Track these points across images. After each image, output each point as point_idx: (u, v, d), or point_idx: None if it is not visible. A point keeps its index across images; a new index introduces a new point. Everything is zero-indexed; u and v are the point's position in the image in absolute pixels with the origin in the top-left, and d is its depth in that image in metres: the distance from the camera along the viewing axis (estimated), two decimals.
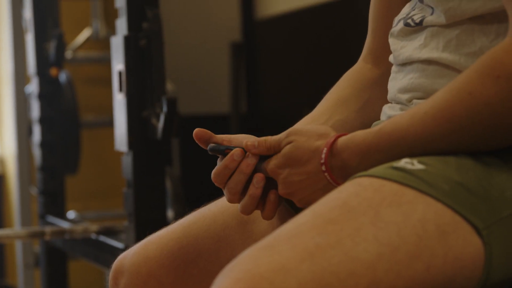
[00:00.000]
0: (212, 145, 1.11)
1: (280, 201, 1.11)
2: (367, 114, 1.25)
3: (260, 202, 1.11)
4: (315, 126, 1.08)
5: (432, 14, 1.09)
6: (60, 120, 2.98)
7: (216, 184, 1.12)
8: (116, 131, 2.10)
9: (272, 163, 1.07)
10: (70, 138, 3.14)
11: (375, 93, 1.26)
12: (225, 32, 3.79)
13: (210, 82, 3.82)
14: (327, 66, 3.18)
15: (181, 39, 3.73)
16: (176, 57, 3.66)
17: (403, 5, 1.19)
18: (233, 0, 3.78)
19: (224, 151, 1.10)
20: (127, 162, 2.06)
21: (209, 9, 3.80)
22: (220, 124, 3.71)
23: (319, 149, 1.04)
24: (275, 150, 1.08)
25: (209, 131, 1.13)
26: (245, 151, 1.10)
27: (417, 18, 1.12)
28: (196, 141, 1.13)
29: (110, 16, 3.58)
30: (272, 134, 1.11)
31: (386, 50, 1.20)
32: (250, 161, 1.09)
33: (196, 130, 1.12)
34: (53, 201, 2.91)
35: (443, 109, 0.96)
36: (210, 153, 1.12)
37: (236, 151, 1.09)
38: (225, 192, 1.12)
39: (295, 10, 3.41)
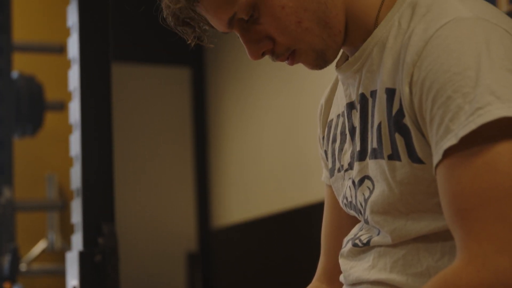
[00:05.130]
0: None
1: None
2: None
3: None
4: None
5: (378, 234, 1.13)
6: None
7: None
8: None
9: None
10: None
11: None
12: (182, 242, 3.80)
13: None
14: (282, 274, 3.18)
15: (138, 249, 3.73)
16: (132, 267, 3.64)
17: (353, 227, 1.22)
18: (189, 211, 3.82)
19: None
20: None
21: (165, 220, 3.83)
22: None
23: None
24: None
25: None
26: None
27: (364, 238, 1.15)
28: None
29: (66, 227, 3.58)
30: None
31: (339, 270, 1.22)
32: None
33: None
34: None
35: None
36: None
37: None
38: None
39: (249, 220, 3.45)
